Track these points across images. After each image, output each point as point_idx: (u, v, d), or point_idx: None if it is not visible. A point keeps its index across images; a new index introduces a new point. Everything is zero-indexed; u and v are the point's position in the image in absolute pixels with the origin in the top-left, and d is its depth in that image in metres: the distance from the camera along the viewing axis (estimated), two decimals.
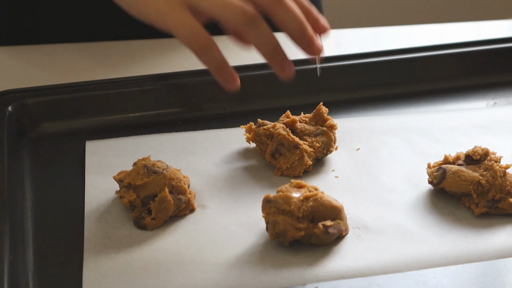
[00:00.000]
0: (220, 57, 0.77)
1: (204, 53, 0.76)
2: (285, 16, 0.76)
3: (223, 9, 0.75)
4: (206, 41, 0.76)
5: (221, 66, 0.77)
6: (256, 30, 0.75)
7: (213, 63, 0.77)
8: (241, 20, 0.75)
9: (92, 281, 0.74)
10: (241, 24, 0.75)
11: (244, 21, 0.75)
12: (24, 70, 1.10)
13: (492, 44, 1.08)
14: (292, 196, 0.77)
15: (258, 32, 0.75)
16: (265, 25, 0.76)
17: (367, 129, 0.95)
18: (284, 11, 0.76)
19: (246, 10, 0.75)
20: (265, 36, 0.76)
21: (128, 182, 0.81)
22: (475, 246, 0.78)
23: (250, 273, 0.75)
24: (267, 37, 0.76)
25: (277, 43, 0.76)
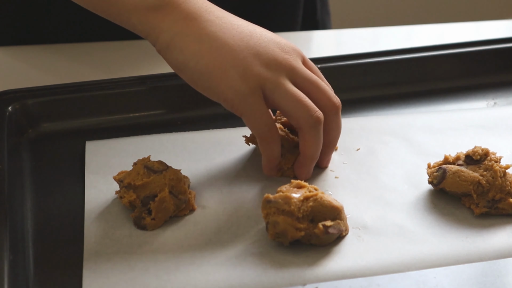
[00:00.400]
0: (278, 151, 0.84)
1: (269, 144, 0.83)
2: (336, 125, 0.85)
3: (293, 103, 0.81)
4: (276, 134, 0.83)
5: (275, 158, 0.84)
6: (316, 133, 0.83)
7: (270, 154, 0.84)
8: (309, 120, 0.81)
9: (92, 281, 0.74)
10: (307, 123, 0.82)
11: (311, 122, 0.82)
12: (24, 70, 1.10)
13: (492, 44, 1.08)
14: (292, 196, 0.77)
15: (317, 135, 0.83)
16: (322, 131, 0.82)
17: (367, 129, 0.95)
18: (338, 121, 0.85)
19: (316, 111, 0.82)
20: (319, 140, 0.83)
21: (128, 182, 0.81)
22: (475, 246, 0.78)
23: (250, 273, 0.75)
24: (320, 142, 0.84)
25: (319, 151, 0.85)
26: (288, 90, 0.81)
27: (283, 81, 0.81)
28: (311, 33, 1.20)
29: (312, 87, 0.83)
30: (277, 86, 0.81)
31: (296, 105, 0.81)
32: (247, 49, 0.81)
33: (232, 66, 0.80)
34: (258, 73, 0.80)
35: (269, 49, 0.82)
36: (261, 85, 0.80)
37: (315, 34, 1.21)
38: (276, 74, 0.81)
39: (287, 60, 0.82)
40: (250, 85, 0.80)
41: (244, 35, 0.82)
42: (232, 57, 0.80)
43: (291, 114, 0.81)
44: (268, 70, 0.81)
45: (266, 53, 0.81)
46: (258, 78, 0.80)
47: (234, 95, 0.80)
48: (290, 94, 0.81)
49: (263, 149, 0.83)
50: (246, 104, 0.80)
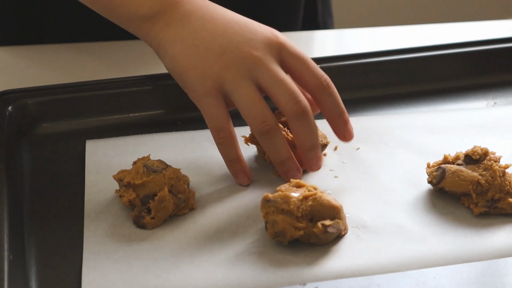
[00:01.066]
0: (233, 153, 0.84)
1: (222, 147, 0.84)
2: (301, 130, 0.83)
3: (245, 109, 0.82)
4: (227, 136, 0.83)
5: (234, 161, 0.85)
6: (270, 141, 0.83)
7: (228, 156, 0.84)
8: (257, 130, 0.82)
9: (91, 280, 0.74)
10: (256, 132, 0.82)
11: (259, 132, 0.82)
12: (24, 70, 1.10)
13: (492, 44, 1.08)
14: (291, 196, 0.77)
15: (272, 143, 0.83)
16: (279, 138, 0.83)
17: (367, 128, 0.95)
18: (302, 125, 0.83)
19: (264, 122, 0.82)
20: (277, 147, 0.84)
21: (128, 181, 0.81)
22: (475, 245, 0.78)
23: (249, 272, 0.75)
24: (279, 149, 0.84)
25: (287, 156, 0.85)
26: (245, 93, 0.82)
27: (242, 82, 0.82)
28: (311, 33, 1.20)
29: (273, 85, 0.82)
30: (233, 87, 0.82)
31: (248, 111, 0.82)
32: (213, 49, 0.83)
33: (194, 67, 0.83)
34: (217, 75, 0.82)
35: (236, 48, 0.83)
36: (220, 85, 0.82)
37: (315, 34, 1.21)
38: (235, 75, 0.82)
39: (250, 59, 0.82)
40: (207, 86, 0.82)
41: (215, 36, 0.84)
42: (197, 57, 0.83)
43: (246, 119, 0.83)
44: (227, 71, 0.82)
45: (229, 53, 0.83)
46: (216, 80, 0.82)
47: (193, 95, 0.84)
48: (245, 98, 0.82)
49: (219, 149, 0.84)
50: (201, 105, 0.83)
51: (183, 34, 0.85)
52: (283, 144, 0.83)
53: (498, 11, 2.17)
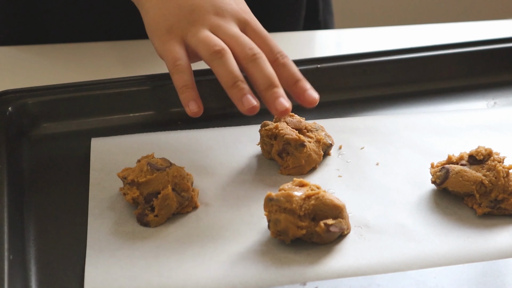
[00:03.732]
0: (187, 80, 0.86)
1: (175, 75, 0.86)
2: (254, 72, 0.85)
3: (199, 42, 0.86)
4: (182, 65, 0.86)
5: (184, 88, 0.86)
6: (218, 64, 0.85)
7: (178, 83, 0.86)
8: (209, 54, 0.85)
9: (94, 277, 0.74)
10: (208, 57, 0.85)
11: (211, 54, 0.85)
12: (24, 70, 1.10)
13: (492, 44, 1.08)
14: (294, 195, 0.77)
15: (220, 65, 0.85)
16: (228, 59, 0.85)
17: (371, 128, 0.95)
18: (254, 68, 0.85)
19: (215, 45, 0.85)
20: (225, 67, 0.84)
21: (132, 179, 0.81)
22: (477, 246, 0.78)
23: (251, 270, 0.75)
24: (228, 69, 0.84)
25: (236, 80, 0.84)
26: (201, 33, 0.87)
27: (197, 30, 0.87)
28: (311, 33, 1.21)
29: (229, 40, 0.87)
30: (192, 35, 0.87)
31: (202, 42, 0.86)
32: (184, 7, 0.89)
33: (164, 20, 0.89)
34: (184, 28, 0.88)
35: (203, 9, 0.89)
36: (183, 37, 0.88)
37: (316, 34, 1.21)
38: (197, 28, 0.87)
39: (214, 20, 0.88)
40: (172, 36, 0.88)
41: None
42: (168, 12, 0.89)
43: (198, 52, 0.86)
44: (192, 26, 0.88)
45: (198, 12, 0.88)
46: (181, 32, 0.88)
47: (158, 43, 0.89)
48: (201, 35, 0.87)
49: (173, 81, 0.87)
50: (165, 48, 0.88)
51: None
52: (235, 66, 0.85)
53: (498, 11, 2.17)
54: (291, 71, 0.86)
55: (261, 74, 0.84)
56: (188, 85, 0.86)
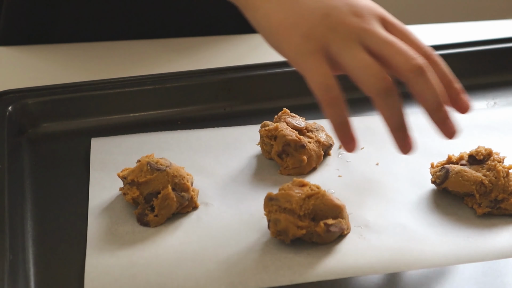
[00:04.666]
0: (344, 116, 0.77)
1: (331, 107, 0.76)
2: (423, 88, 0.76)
3: (362, 70, 0.75)
4: (337, 96, 0.76)
5: (343, 124, 0.77)
6: (387, 102, 0.76)
7: (337, 119, 0.76)
8: (376, 89, 0.75)
9: (94, 277, 0.74)
10: (375, 92, 0.75)
11: (379, 90, 0.75)
12: (24, 70, 1.10)
13: (492, 44, 1.08)
14: (294, 195, 0.77)
15: (389, 105, 0.76)
16: (397, 98, 0.76)
17: (371, 128, 0.95)
18: (423, 82, 0.76)
19: (384, 79, 0.75)
20: (395, 109, 0.76)
21: (132, 179, 0.81)
22: (477, 246, 0.78)
23: (251, 270, 0.75)
24: (397, 111, 0.76)
25: (404, 118, 0.77)
26: (356, 54, 0.75)
27: (351, 45, 0.76)
28: None
29: (386, 48, 0.76)
30: (344, 49, 0.76)
31: (363, 71, 0.75)
32: (317, 9, 0.77)
33: (296, 25, 0.77)
34: (323, 35, 0.76)
35: (340, 13, 0.77)
36: (325, 47, 0.76)
37: None
38: (343, 37, 0.76)
39: (357, 24, 0.77)
40: (312, 45, 0.76)
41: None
42: (298, 15, 0.77)
43: (359, 81, 0.76)
44: (334, 32, 0.76)
45: (335, 15, 0.77)
46: (322, 40, 0.76)
47: (295, 54, 0.77)
48: (358, 59, 0.75)
49: (325, 113, 0.77)
50: (306, 64, 0.76)
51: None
52: (401, 106, 0.76)
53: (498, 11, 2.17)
54: (444, 70, 0.78)
55: (431, 91, 0.75)
56: (345, 121, 0.77)
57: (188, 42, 1.15)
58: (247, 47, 1.15)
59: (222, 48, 1.15)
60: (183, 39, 1.16)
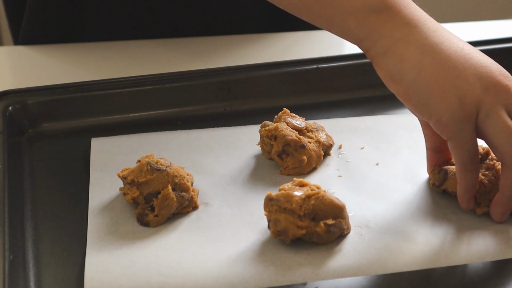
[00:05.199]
0: (475, 182, 0.78)
1: (471, 174, 0.77)
2: None
3: (503, 137, 0.75)
4: (478, 164, 0.78)
5: (472, 190, 0.79)
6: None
7: (470, 184, 0.78)
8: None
9: (94, 276, 0.74)
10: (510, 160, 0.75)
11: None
12: (24, 70, 1.10)
13: (492, 44, 1.08)
14: (294, 195, 0.77)
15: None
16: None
17: (371, 128, 0.95)
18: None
19: None
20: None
21: (132, 179, 0.81)
22: (477, 246, 0.78)
23: (251, 270, 0.75)
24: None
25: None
26: (501, 120, 0.75)
27: (498, 110, 0.75)
28: (311, 33, 1.20)
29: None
30: (490, 113, 0.74)
31: (506, 138, 0.75)
32: (470, 69, 0.75)
33: (454, 86, 0.74)
34: (478, 98, 0.74)
35: (491, 72, 0.76)
36: (477, 111, 0.75)
37: (316, 34, 1.21)
38: (493, 101, 0.75)
39: (507, 87, 0.76)
40: (467, 110, 0.74)
41: (465, 52, 0.76)
42: (454, 75, 0.74)
43: (497, 147, 0.76)
44: (487, 94, 0.75)
45: (487, 76, 0.75)
46: (476, 103, 0.74)
47: (449, 118, 0.74)
48: (502, 124, 0.75)
49: (462, 177, 0.77)
50: (459, 130, 0.75)
51: (434, 42, 0.76)
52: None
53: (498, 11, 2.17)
54: None
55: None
56: (475, 185, 0.78)
57: (188, 42, 1.16)
58: (247, 47, 1.15)
59: (222, 48, 1.15)
60: (183, 39, 1.16)
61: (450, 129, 0.75)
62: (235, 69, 1.03)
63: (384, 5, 0.76)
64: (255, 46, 1.15)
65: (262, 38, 1.17)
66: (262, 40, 1.16)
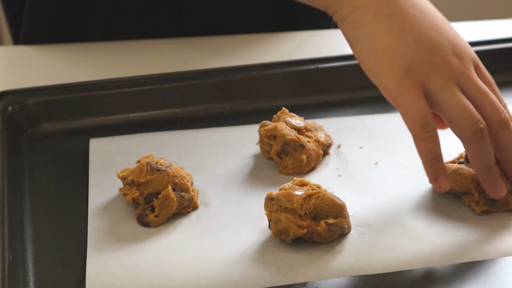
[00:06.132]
0: (438, 151, 0.77)
1: (426, 142, 0.77)
2: (508, 140, 0.78)
3: (459, 112, 0.76)
4: (433, 132, 0.76)
5: (435, 159, 0.77)
6: (479, 144, 0.77)
7: (428, 154, 0.77)
8: (471, 131, 0.76)
9: (95, 277, 0.74)
10: (469, 134, 0.76)
11: (474, 132, 0.76)
12: (24, 70, 1.10)
13: (492, 44, 1.08)
14: (295, 194, 0.77)
15: (482, 147, 0.77)
16: (489, 142, 0.77)
17: (370, 127, 0.95)
18: (509, 135, 0.78)
19: (480, 122, 0.76)
20: (487, 152, 0.77)
21: (132, 179, 0.81)
22: (476, 244, 0.78)
23: (252, 270, 0.75)
24: (488, 153, 0.77)
25: (494, 161, 0.78)
26: (455, 95, 0.76)
27: (451, 86, 0.77)
28: (311, 33, 1.20)
29: (480, 97, 0.78)
30: (443, 89, 0.77)
31: (460, 113, 0.76)
32: (423, 42, 0.77)
33: (401, 56, 0.76)
34: (426, 72, 0.76)
35: (444, 52, 0.77)
36: (425, 83, 0.76)
37: (316, 34, 1.21)
38: (444, 77, 0.77)
39: (458, 66, 0.78)
40: (413, 80, 0.76)
41: (425, 24, 0.78)
42: (405, 45, 0.77)
43: (453, 121, 0.77)
44: (435, 70, 0.77)
45: (439, 53, 0.77)
46: (423, 76, 0.76)
47: (394, 85, 0.77)
48: (456, 100, 0.76)
49: (417, 148, 0.78)
50: (404, 97, 0.76)
51: (391, 12, 0.78)
52: (491, 149, 0.78)
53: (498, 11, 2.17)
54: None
55: (509, 146, 0.78)
56: (438, 156, 0.77)
57: (188, 42, 1.16)
58: (247, 47, 1.15)
59: (222, 48, 1.15)
60: (183, 39, 1.16)
61: (395, 96, 0.77)
62: (235, 69, 1.03)
63: None
64: (255, 46, 1.15)
65: (263, 38, 1.17)
66: (263, 40, 1.16)
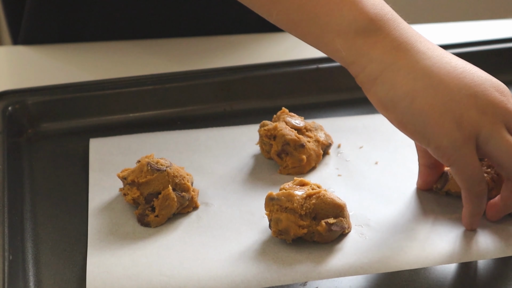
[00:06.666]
0: (483, 208, 0.77)
1: (478, 199, 0.76)
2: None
3: (508, 154, 0.73)
4: (485, 189, 0.75)
5: (478, 215, 0.77)
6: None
7: (475, 209, 0.77)
8: None
9: (96, 276, 0.74)
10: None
11: None
12: (24, 70, 1.10)
13: (492, 44, 1.08)
14: (295, 194, 0.77)
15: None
16: None
17: (370, 127, 0.95)
18: None
19: None
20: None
21: (132, 179, 0.81)
22: (478, 244, 0.78)
23: (252, 270, 0.75)
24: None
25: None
26: (503, 139, 0.73)
27: (499, 129, 0.73)
28: None
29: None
30: (492, 134, 0.73)
31: (510, 157, 0.74)
32: (464, 89, 0.73)
33: (449, 110, 0.72)
34: (475, 120, 0.72)
35: (486, 90, 0.74)
36: (476, 133, 0.73)
37: None
38: (492, 121, 0.73)
39: (503, 104, 0.74)
40: (466, 133, 0.72)
41: (458, 72, 0.74)
42: (449, 98, 0.72)
43: (503, 165, 0.74)
44: (484, 115, 0.73)
45: (483, 95, 0.73)
46: (474, 126, 0.73)
47: (448, 143, 0.73)
48: (505, 144, 0.73)
49: (468, 203, 0.76)
50: (459, 155, 0.73)
51: (423, 67, 0.73)
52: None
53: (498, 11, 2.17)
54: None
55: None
56: (481, 210, 0.77)
57: (188, 42, 1.16)
58: (247, 47, 1.15)
59: (222, 48, 1.15)
60: (183, 39, 1.16)
61: (450, 155, 0.73)
62: (235, 69, 1.03)
63: (372, 26, 0.73)
64: (255, 46, 1.15)
65: (262, 38, 1.17)
66: (262, 40, 1.16)
